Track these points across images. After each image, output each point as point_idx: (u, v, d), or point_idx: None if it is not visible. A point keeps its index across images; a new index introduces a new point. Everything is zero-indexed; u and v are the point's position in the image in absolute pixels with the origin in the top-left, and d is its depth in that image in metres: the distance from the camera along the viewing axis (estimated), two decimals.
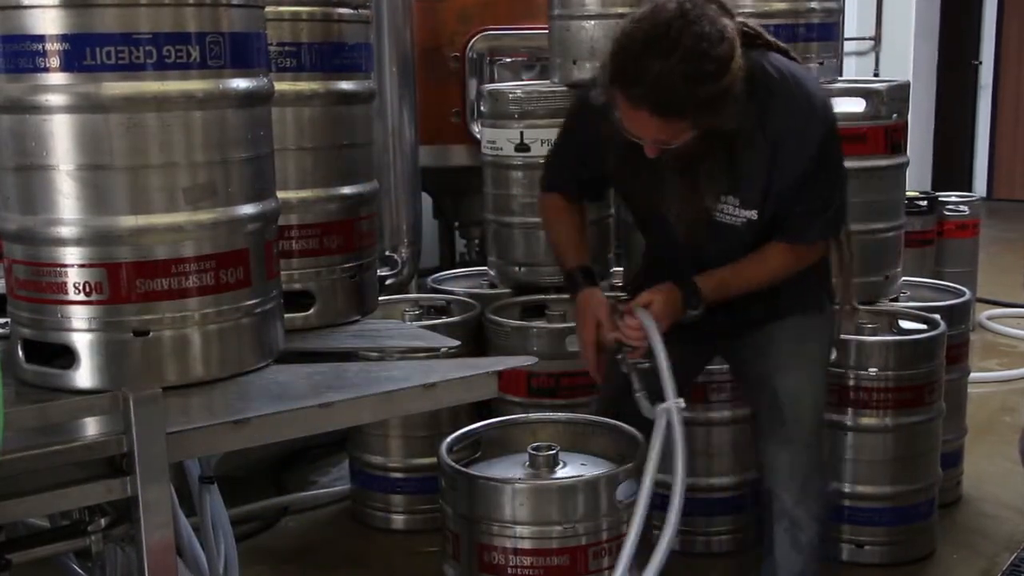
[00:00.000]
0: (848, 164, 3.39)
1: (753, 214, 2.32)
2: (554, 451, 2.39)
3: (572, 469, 2.37)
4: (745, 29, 2.25)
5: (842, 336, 3.34)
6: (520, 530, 2.23)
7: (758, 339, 2.49)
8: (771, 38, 2.35)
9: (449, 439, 2.48)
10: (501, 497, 2.24)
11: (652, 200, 2.33)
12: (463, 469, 2.34)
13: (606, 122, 2.20)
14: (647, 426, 2.26)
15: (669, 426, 2.18)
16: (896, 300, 3.68)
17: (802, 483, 2.55)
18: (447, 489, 2.36)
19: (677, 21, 2.05)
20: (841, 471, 3.35)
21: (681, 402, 2.21)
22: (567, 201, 2.58)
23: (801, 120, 2.26)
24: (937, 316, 3.47)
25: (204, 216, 1.93)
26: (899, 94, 3.47)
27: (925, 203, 5.44)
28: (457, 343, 2.54)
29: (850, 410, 3.32)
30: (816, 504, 2.59)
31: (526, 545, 2.23)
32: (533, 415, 2.59)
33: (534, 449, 2.41)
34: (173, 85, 1.86)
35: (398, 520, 3.73)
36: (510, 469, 2.41)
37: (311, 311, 2.47)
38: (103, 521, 1.81)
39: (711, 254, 2.40)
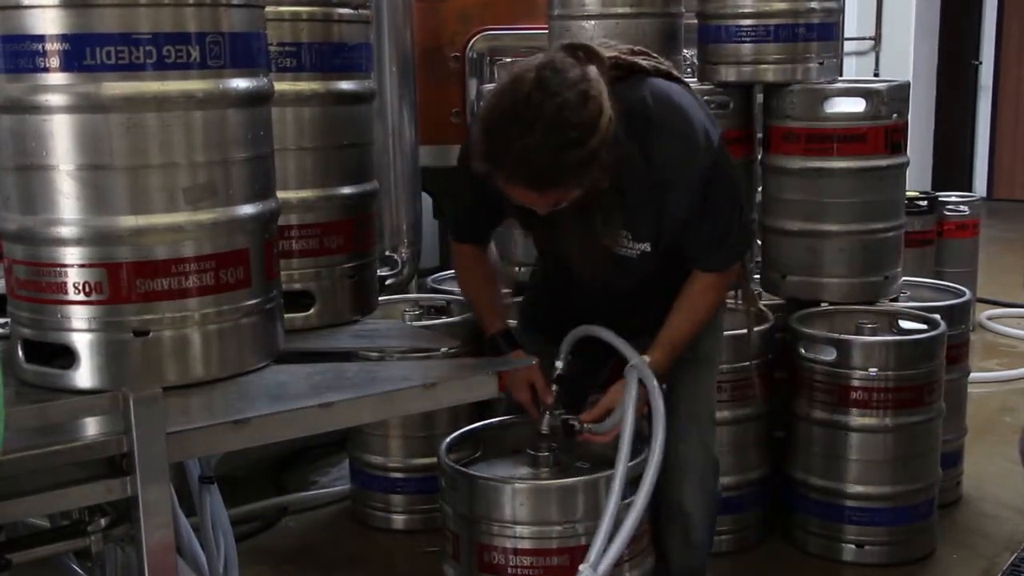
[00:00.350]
0: (848, 164, 3.45)
1: (647, 246, 2.32)
2: (554, 451, 2.39)
3: (571, 469, 2.37)
4: (619, 62, 2.23)
5: (841, 336, 3.36)
6: (520, 530, 2.23)
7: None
8: (648, 63, 2.31)
9: (449, 439, 2.48)
10: (501, 497, 2.25)
11: (552, 244, 2.33)
12: (463, 469, 2.34)
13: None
14: None
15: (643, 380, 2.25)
16: (896, 300, 3.69)
17: (697, 480, 2.57)
18: (447, 489, 2.36)
19: (536, 93, 2.02)
20: (841, 471, 3.36)
21: (647, 358, 2.30)
22: (479, 251, 2.55)
23: (683, 150, 2.23)
24: (937, 316, 3.47)
25: (204, 216, 1.93)
26: (899, 94, 3.48)
27: (925, 203, 5.44)
28: (457, 343, 2.54)
29: (850, 410, 3.32)
30: (710, 502, 2.62)
31: (526, 545, 2.23)
32: None
33: (534, 449, 2.41)
34: (173, 85, 1.86)
35: (398, 520, 3.73)
36: (510, 469, 2.41)
37: (311, 311, 2.47)
38: (103, 521, 1.81)
39: (613, 284, 2.41)
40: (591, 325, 2.42)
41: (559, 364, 2.45)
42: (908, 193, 3.99)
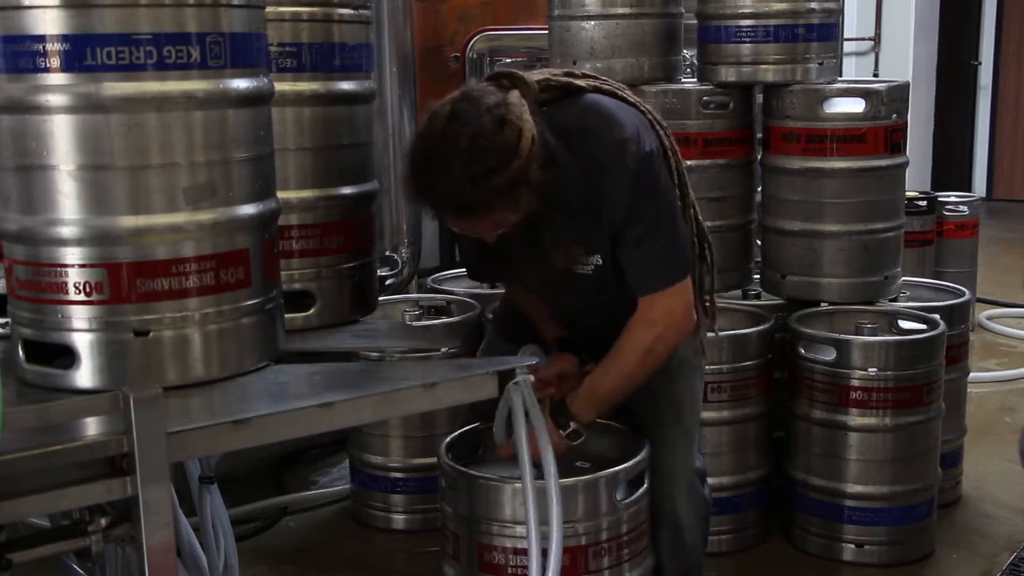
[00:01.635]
0: (848, 164, 3.45)
1: (598, 259, 2.31)
2: None
3: (571, 469, 2.37)
4: (550, 83, 2.24)
5: (841, 336, 3.37)
6: (520, 530, 2.23)
7: None
8: (587, 83, 2.30)
9: (449, 439, 2.48)
10: (501, 497, 2.24)
11: (510, 270, 2.34)
12: (463, 469, 2.34)
13: None
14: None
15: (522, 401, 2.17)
16: (896, 300, 3.69)
17: (685, 484, 2.53)
18: (447, 489, 2.36)
19: (451, 126, 2.05)
20: (841, 471, 3.36)
21: (530, 377, 2.17)
22: (512, 285, 2.55)
23: (609, 151, 2.22)
24: (937, 316, 3.47)
25: (204, 216, 1.93)
26: (899, 94, 3.48)
27: (925, 203, 5.45)
28: (457, 343, 2.54)
29: (850, 410, 3.32)
30: (700, 505, 2.58)
31: (526, 545, 2.23)
32: None
33: None
34: (173, 85, 1.86)
35: (398, 520, 3.73)
36: (510, 469, 2.41)
37: (311, 311, 2.47)
38: (103, 521, 1.81)
39: (573, 304, 2.41)
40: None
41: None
42: (908, 193, 3.99)
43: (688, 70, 3.89)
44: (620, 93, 2.36)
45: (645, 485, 2.37)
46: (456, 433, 2.52)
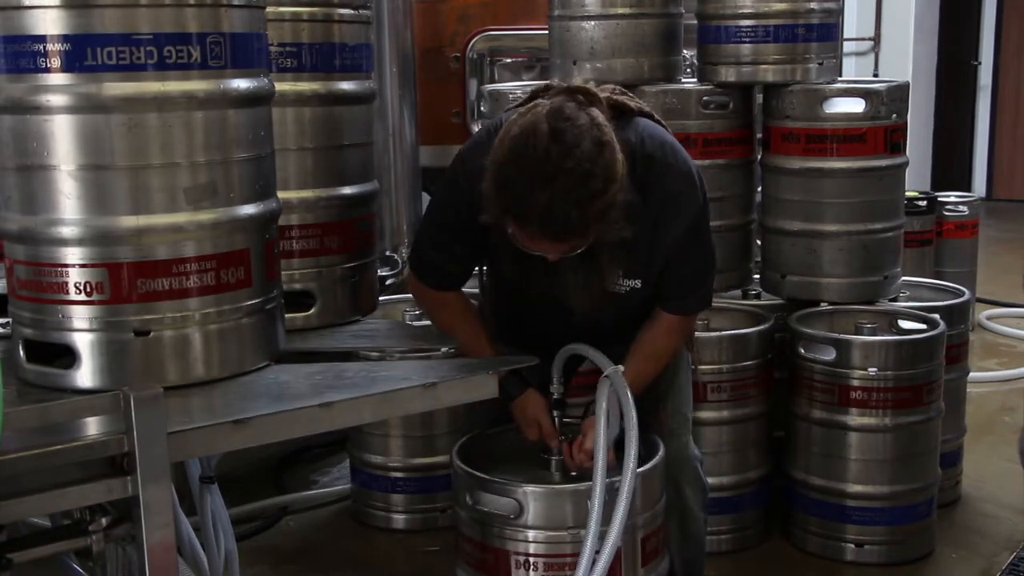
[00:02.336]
0: (847, 164, 3.45)
1: (638, 283, 2.32)
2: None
3: (584, 472, 2.36)
4: (613, 101, 2.22)
5: (841, 336, 3.37)
6: (533, 534, 2.22)
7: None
8: (634, 104, 2.30)
9: (461, 442, 2.47)
10: (514, 500, 2.23)
11: (549, 286, 2.28)
12: (476, 472, 2.33)
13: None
14: None
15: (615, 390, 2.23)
16: (896, 300, 3.69)
17: (691, 474, 2.60)
18: (460, 492, 2.35)
19: (553, 147, 1.98)
20: (841, 471, 3.36)
21: (621, 368, 2.27)
22: (460, 296, 2.47)
23: (682, 187, 2.24)
24: (936, 316, 3.47)
25: (205, 216, 1.93)
26: (899, 94, 3.48)
27: (924, 203, 5.45)
28: (457, 343, 2.53)
29: (850, 410, 3.32)
30: (702, 495, 2.66)
31: (539, 549, 2.23)
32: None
33: (545, 452, 2.41)
34: (174, 85, 1.87)
35: (398, 520, 3.73)
36: (523, 472, 2.40)
37: (311, 311, 2.47)
38: (104, 521, 1.81)
39: (598, 319, 2.40)
40: (573, 344, 2.39)
41: (554, 388, 2.44)
42: (907, 193, 4.00)
43: (688, 70, 3.89)
44: (656, 116, 2.36)
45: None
46: (467, 436, 2.51)
